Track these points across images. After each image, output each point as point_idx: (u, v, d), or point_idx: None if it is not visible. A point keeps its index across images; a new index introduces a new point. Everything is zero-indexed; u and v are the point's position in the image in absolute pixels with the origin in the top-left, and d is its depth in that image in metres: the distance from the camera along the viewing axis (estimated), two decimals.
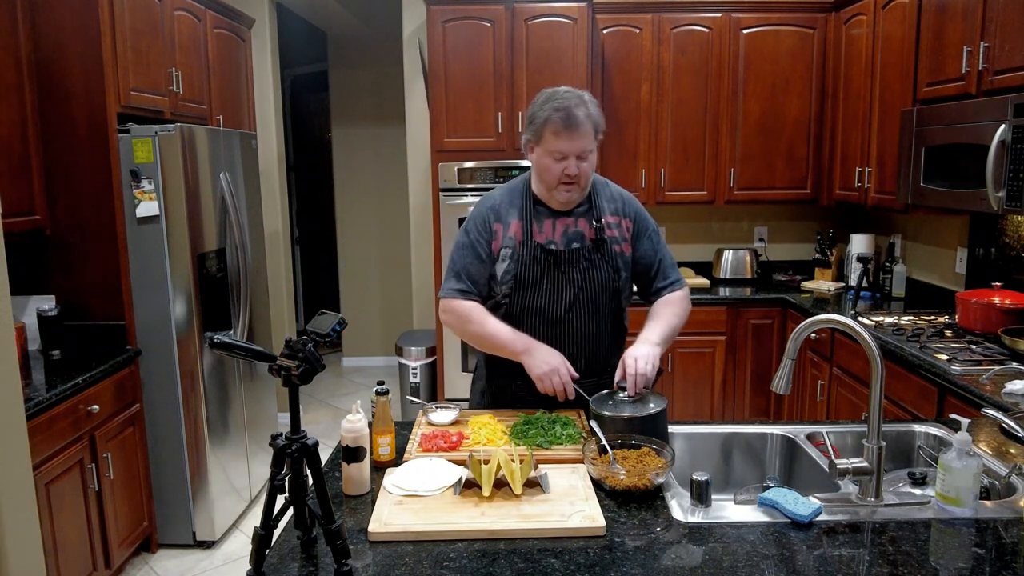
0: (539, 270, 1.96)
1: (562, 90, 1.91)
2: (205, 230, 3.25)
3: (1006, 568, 1.27)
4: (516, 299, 1.98)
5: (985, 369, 2.40)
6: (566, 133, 1.85)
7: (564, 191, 1.92)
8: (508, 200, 2.02)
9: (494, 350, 1.99)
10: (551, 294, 1.97)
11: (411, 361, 4.32)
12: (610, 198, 2.06)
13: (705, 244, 4.59)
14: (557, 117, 1.85)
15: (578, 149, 1.87)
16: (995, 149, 2.49)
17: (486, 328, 1.95)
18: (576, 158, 1.87)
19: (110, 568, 2.85)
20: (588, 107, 1.88)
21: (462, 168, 3.94)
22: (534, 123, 1.91)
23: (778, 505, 1.45)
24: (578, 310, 1.99)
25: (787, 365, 1.59)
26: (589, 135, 1.88)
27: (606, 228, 2.00)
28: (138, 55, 3.10)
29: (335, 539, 1.24)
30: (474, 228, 2.01)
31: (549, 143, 1.88)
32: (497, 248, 1.99)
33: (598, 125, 1.91)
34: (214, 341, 1.29)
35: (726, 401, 4.05)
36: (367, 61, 5.82)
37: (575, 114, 1.84)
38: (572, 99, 1.87)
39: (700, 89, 4.11)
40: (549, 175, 1.91)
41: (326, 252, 6.47)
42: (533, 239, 1.97)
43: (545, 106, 1.88)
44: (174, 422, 3.15)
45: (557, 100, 1.87)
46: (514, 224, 1.99)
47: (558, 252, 1.96)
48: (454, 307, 1.99)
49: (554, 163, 1.89)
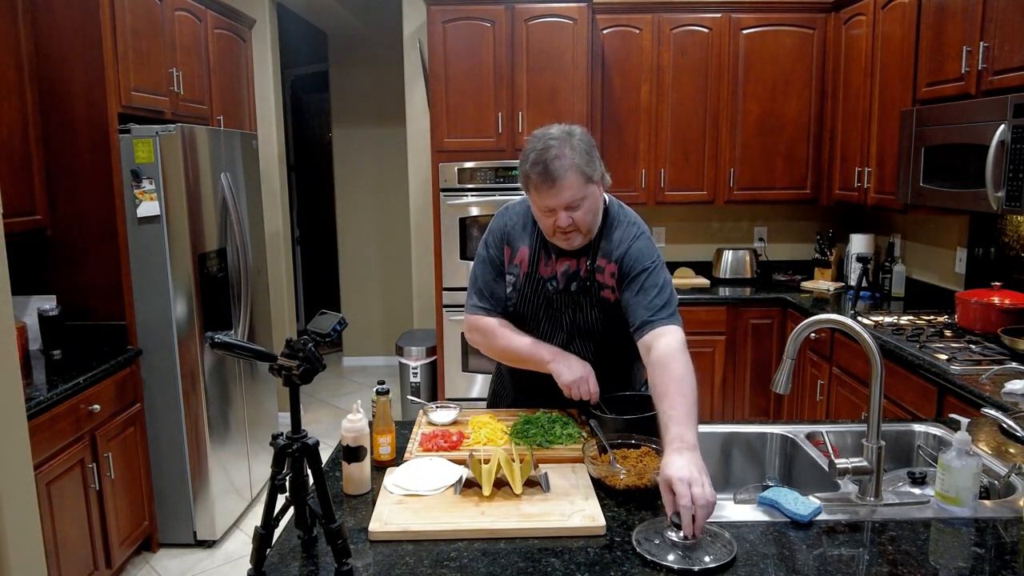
0: (538, 303, 1.94)
1: (546, 135, 1.76)
2: (206, 230, 3.26)
3: (1006, 568, 1.28)
4: (517, 324, 1.98)
5: (984, 369, 2.40)
6: (547, 189, 1.72)
7: (562, 239, 1.83)
8: (523, 223, 1.95)
9: (521, 363, 1.96)
10: (546, 329, 1.97)
11: (411, 361, 4.33)
12: (617, 240, 1.88)
13: (705, 244, 4.59)
14: (535, 173, 1.72)
15: (564, 203, 1.73)
16: (995, 149, 2.49)
17: (512, 343, 1.93)
18: (565, 210, 1.74)
19: (111, 567, 2.85)
20: (571, 155, 1.71)
21: (462, 168, 3.94)
22: (521, 175, 1.79)
23: (778, 504, 1.45)
24: (573, 348, 1.95)
25: (787, 365, 1.59)
26: (574, 185, 1.71)
27: (596, 272, 1.88)
28: (139, 55, 3.10)
29: (336, 538, 1.24)
30: (493, 243, 1.97)
31: (535, 199, 1.78)
32: (505, 272, 1.97)
33: (585, 171, 1.72)
34: (215, 341, 1.30)
35: (726, 401, 4.06)
36: (367, 61, 5.83)
37: (552, 169, 1.69)
38: (553, 147, 1.71)
39: (700, 89, 4.12)
40: (544, 226, 1.84)
41: (326, 252, 6.47)
42: (538, 272, 1.92)
43: (529, 157, 1.74)
44: (175, 422, 3.16)
45: (537, 151, 1.72)
46: (522, 251, 1.93)
47: (553, 292, 1.92)
48: (480, 325, 1.97)
49: (544, 216, 1.79)
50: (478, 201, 3.95)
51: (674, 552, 1.30)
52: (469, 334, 2.02)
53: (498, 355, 2.01)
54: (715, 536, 1.35)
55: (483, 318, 1.96)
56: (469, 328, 2.01)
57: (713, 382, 4.03)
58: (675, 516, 1.31)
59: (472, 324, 1.99)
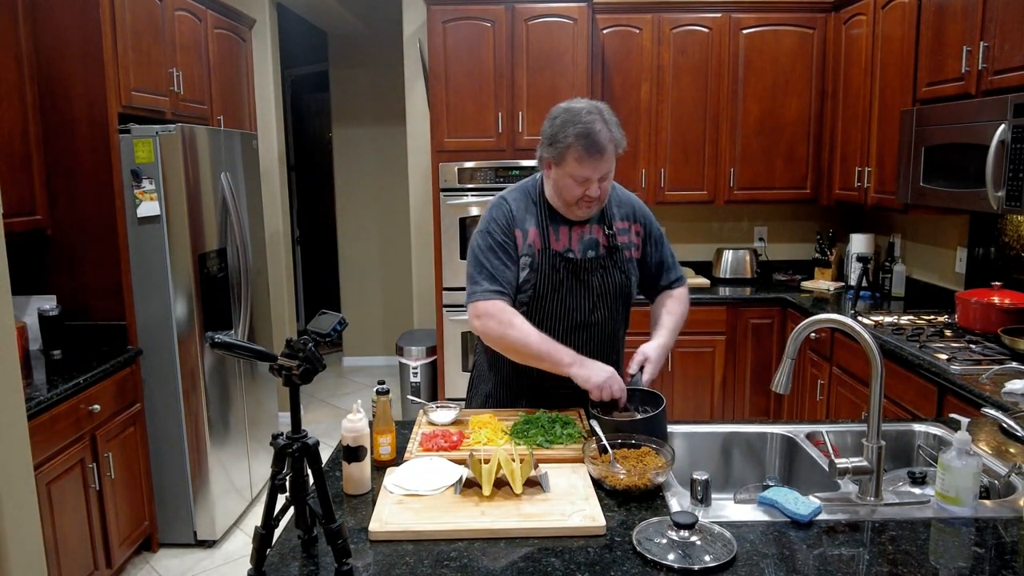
0: (558, 278, 1.94)
1: (582, 109, 1.83)
2: (206, 230, 3.26)
3: (1006, 567, 1.28)
4: (535, 306, 1.95)
5: (985, 368, 2.40)
6: (590, 161, 1.80)
7: (583, 209, 1.89)
8: (523, 206, 1.97)
9: (535, 360, 1.87)
10: (570, 302, 1.96)
11: (411, 361, 4.33)
12: (619, 203, 2.05)
13: (705, 244, 4.59)
14: (581, 145, 1.79)
15: (601, 173, 1.83)
16: (995, 149, 2.49)
17: (530, 338, 1.84)
18: (598, 180, 1.84)
19: (111, 567, 2.85)
20: (609, 128, 1.82)
21: (462, 168, 3.94)
22: (555, 145, 1.83)
23: (778, 504, 1.45)
24: (597, 316, 1.98)
25: (787, 365, 1.59)
26: (611, 158, 1.83)
27: (617, 235, 1.99)
28: (139, 55, 3.10)
29: (336, 538, 1.24)
30: (498, 230, 1.94)
31: (571, 167, 1.82)
32: (517, 255, 1.95)
33: (619, 144, 1.85)
34: (215, 341, 1.30)
35: (726, 400, 4.06)
36: (367, 61, 5.83)
37: (599, 141, 1.79)
38: (595, 121, 1.80)
39: (700, 89, 4.12)
40: (569, 195, 1.87)
41: (326, 252, 6.47)
42: (551, 247, 1.94)
43: (567, 129, 1.80)
44: (175, 422, 3.16)
45: (580, 124, 1.79)
46: (532, 232, 1.95)
47: (576, 260, 1.94)
48: (494, 310, 1.86)
49: (575, 185, 1.84)
50: (478, 201, 3.95)
51: (674, 552, 1.30)
52: (479, 321, 1.89)
53: (508, 347, 1.89)
54: (715, 536, 1.35)
55: (496, 302, 1.87)
56: (479, 315, 1.88)
57: (713, 382, 4.03)
58: (636, 375, 1.88)
59: (483, 310, 1.87)
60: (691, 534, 1.31)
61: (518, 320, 1.87)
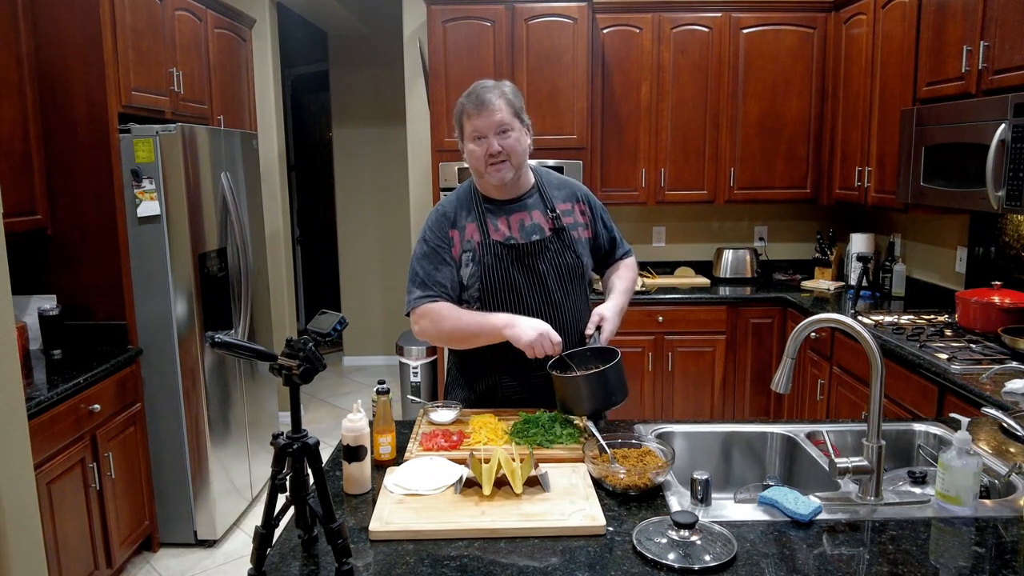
0: (503, 267, 1.96)
1: (478, 83, 1.98)
2: (206, 230, 3.26)
3: (1006, 567, 1.28)
4: (488, 300, 1.98)
5: (985, 368, 2.40)
6: (477, 113, 1.90)
7: (494, 171, 1.93)
8: (458, 205, 2.04)
9: (475, 338, 1.94)
10: (524, 289, 1.97)
11: (412, 360, 4.32)
12: (557, 186, 2.11)
13: (705, 243, 4.59)
14: (469, 102, 1.92)
15: (494, 125, 1.90)
16: (995, 148, 2.49)
17: (462, 320, 1.93)
18: (496, 135, 1.90)
19: (111, 567, 2.86)
20: (502, 88, 1.94)
21: (462, 168, 3.94)
22: (456, 121, 1.98)
23: (778, 504, 1.45)
24: (555, 299, 2.00)
25: (787, 364, 1.59)
26: (503, 111, 1.91)
27: (562, 216, 2.03)
28: (139, 55, 3.10)
29: (336, 538, 1.24)
30: (432, 236, 2.01)
31: (466, 128, 1.94)
32: (458, 254, 1.99)
33: (514, 103, 1.94)
34: (215, 340, 1.29)
35: (726, 400, 4.06)
36: (367, 61, 5.83)
37: (484, 96, 1.90)
38: (485, 85, 1.94)
39: (700, 89, 4.11)
40: (476, 160, 1.94)
41: (326, 252, 6.47)
42: (491, 237, 1.97)
43: (460, 100, 1.96)
44: (175, 421, 3.16)
45: (469, 89, 1.95)
46: (470, 227, 2.00)
47: (519, 246, 1.97)
48: (425, 312, 1.96)
49: (476, 147, 1.93)
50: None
51: (674, 551, 1.29)
52: (416, 326, 2.00)
53: (448, 338, 1.99)
54: (715, 535, 1.35)
55: (427, 304, 1.96)
56: (415, 319, 1.99)
57: (713, 382, 4.03)
58: (595, 335, 1.94)
59: (418, 314, 1.98)
60: (691, 534, 1.31)
61: (447, 310, 1.96)
